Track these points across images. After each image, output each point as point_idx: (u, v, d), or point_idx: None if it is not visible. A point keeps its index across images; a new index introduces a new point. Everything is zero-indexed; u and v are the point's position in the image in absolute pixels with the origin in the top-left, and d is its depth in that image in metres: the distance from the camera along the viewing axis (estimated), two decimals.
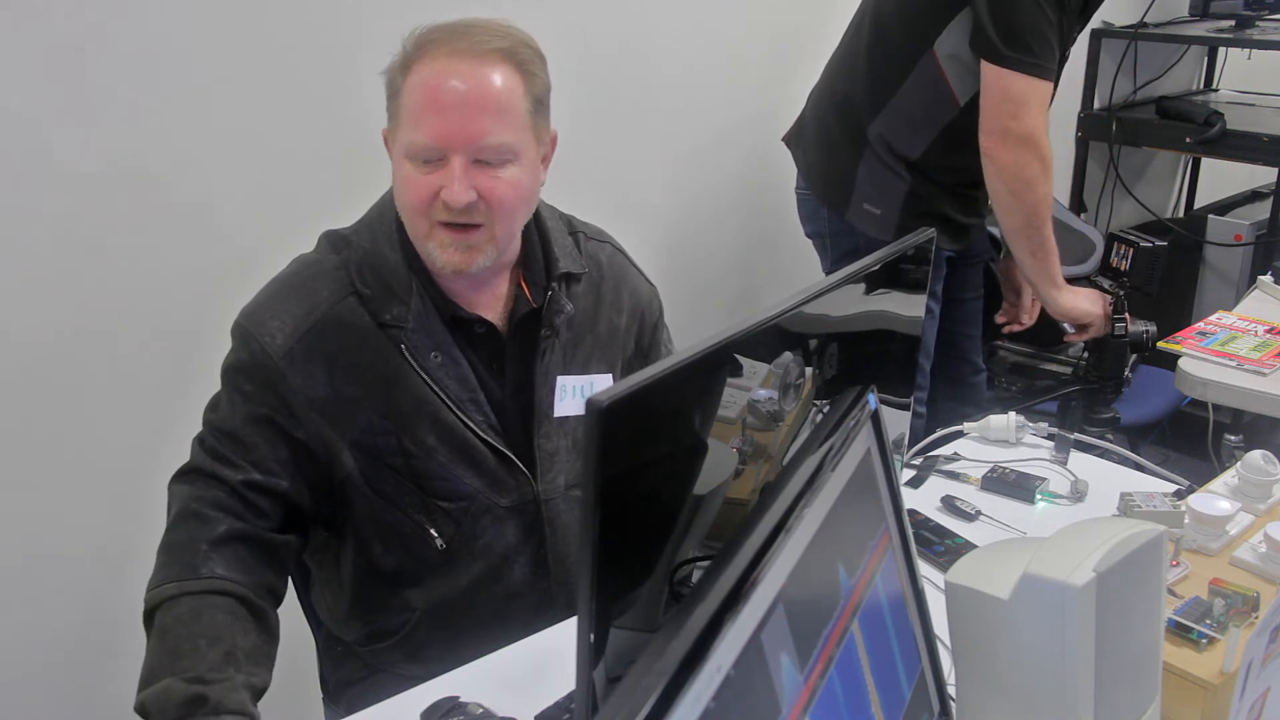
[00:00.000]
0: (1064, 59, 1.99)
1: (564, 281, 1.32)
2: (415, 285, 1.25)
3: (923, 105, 1.98)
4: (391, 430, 1.24)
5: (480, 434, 1.27)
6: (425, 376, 1.24)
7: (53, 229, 1.61)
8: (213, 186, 1.74)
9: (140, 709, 1.06)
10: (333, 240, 1.29)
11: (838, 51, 2.13)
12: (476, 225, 1.20)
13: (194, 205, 1.73)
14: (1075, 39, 2.05)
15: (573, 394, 1.32)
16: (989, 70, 1.86)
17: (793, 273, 2.38)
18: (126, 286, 1.69)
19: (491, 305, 1.30)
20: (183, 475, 1.22)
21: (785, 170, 2.28)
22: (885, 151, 2.02)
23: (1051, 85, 1.88)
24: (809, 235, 2.26)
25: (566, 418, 1.32)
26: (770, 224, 2.34)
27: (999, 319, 2.29)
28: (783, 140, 2.25)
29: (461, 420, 1.26)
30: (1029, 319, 2.26)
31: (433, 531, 1.27)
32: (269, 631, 1.18)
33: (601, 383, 1.35)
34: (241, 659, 1.10)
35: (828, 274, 2.27)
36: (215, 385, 1.26)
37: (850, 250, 2.14)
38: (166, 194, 1.70)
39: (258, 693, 1.11)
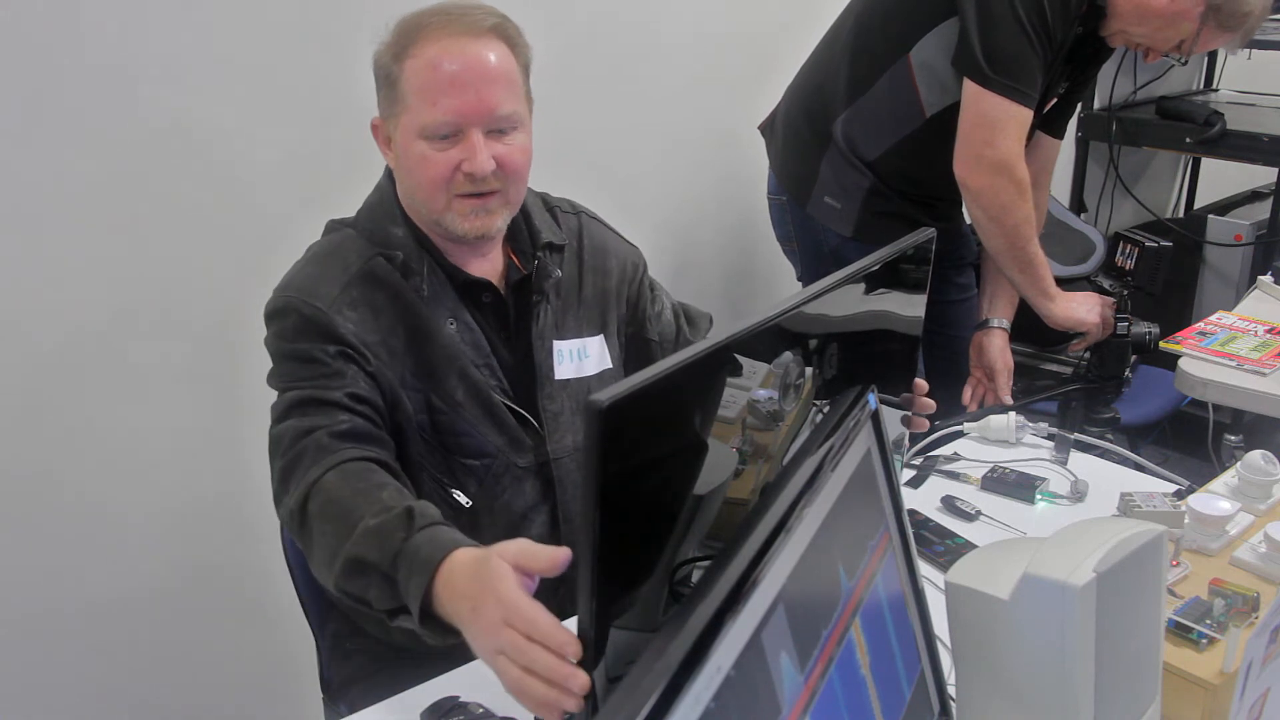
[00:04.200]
0: (1045, 101, 1.98)
1: (548, 250, 1.38)
2: (426, 258, 1.29)
3: (890, 109, 1.98)
4: (420, 386, 1.27)
5: (497, 396, 1.31)
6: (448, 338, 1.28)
7: (55, 230, 1.61)
8: (220, 183, 1.74)
9: (350, 565, 1.03)
10: (341, 224, 1.34)
11: (819, 45, 2.14)
12: (493, 191, 1.25)
13: (198, 204, 1.73)
14: (1059, 92, 2.04)
15: (570, 358, 1.38)
16: (970, 90, 1.85)
17: (789, 271, 2.38)
18: (139, 280, 1.69)
19: (491, 275, 1.34)
20: (284, 415, 1.20)
21: None
22: (848, 148, 2.03)
23: (1030, 113, 1.87)
24: (779, 240, 2.26)
25: (567, 380, 1.37)
26: (764, 219, 2.34)
27: (965, 400, 2.17)
28: (758, 128, 2.26)
29: (484, 379, 1.30)
30: (1009, 399, 2.10)
31: (456, 492, 1.30)
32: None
33: (594, 345, 1.41)
34: (413, 496, 1.10)
35: (800, 279, 2.28)
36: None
37: (815, 250, 2.14)
38: (172, 192, 1.70)
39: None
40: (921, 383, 1.24)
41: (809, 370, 0.89)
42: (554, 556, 0.88)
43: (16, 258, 1.59)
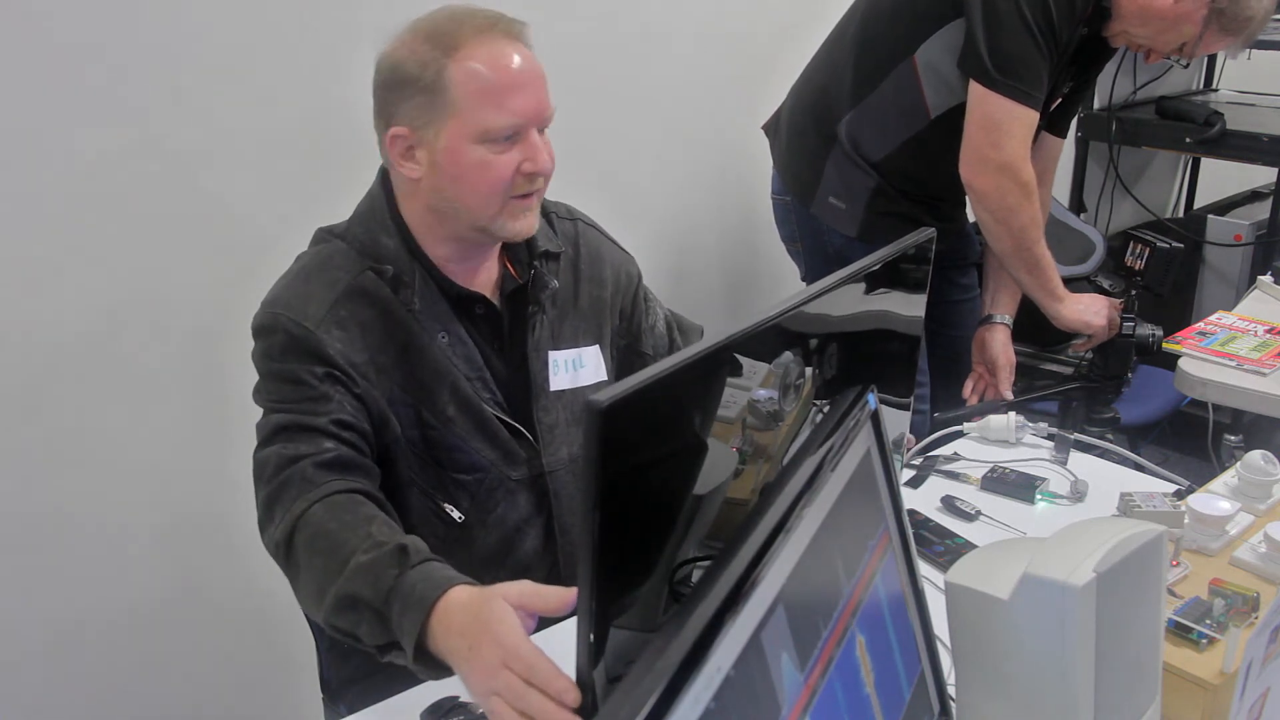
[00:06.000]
0: (1050, 102, 1.99)
1: (544, 260, 1.36)
2: (418, 270, 1.27)
3: (895, 110, 1.98)
4: (410, 402, 1.26)
5: (490, 409, 1.30)
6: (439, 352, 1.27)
7: (53, 232, 1.61)
8: (211, 187, 1.74)
9: (341, 602, 1.03)
10: (330, 233, 1.32)
11: (824, 45, 2.14)
12: (536, 190, 1.26)
13: (191, 207, 1.73)
14: (1063, 92, 2.04)
15: (565, 368, 1.36)
16: (975, 91, 1.86)
17: (792, 272, 2.38)
18: (126, 288, 1.69)
19: (486, 286, 1.33)
20: (269, 439, 1.19)
21: None
22: (853, 149, 2.03)
23: (1036, 115, 1.87)
24: (784, 240, 2.27)
25: (562, 391, 1.36)
26: (766, 220, 2.34)
27: (966, 394, 2.18)
28: (762, 129, 2.26)
29: (476, 393, 1.29)
30: (1009, 394, 2.12)
31: (448, 506, 1.29)
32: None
33: (590, 354, 1.39)
34: (401, 529, 1.09)
35: (805, 280, 2.29)
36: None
37: (819, 250, 2.14)
38: (164, 196, 1.70)
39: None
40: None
41: (809, 370, 0.89)
42: (563, 597, 0.88)
43: (4, 263, 1.58)
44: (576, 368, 1.37)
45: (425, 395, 1.26)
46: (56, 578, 1.72)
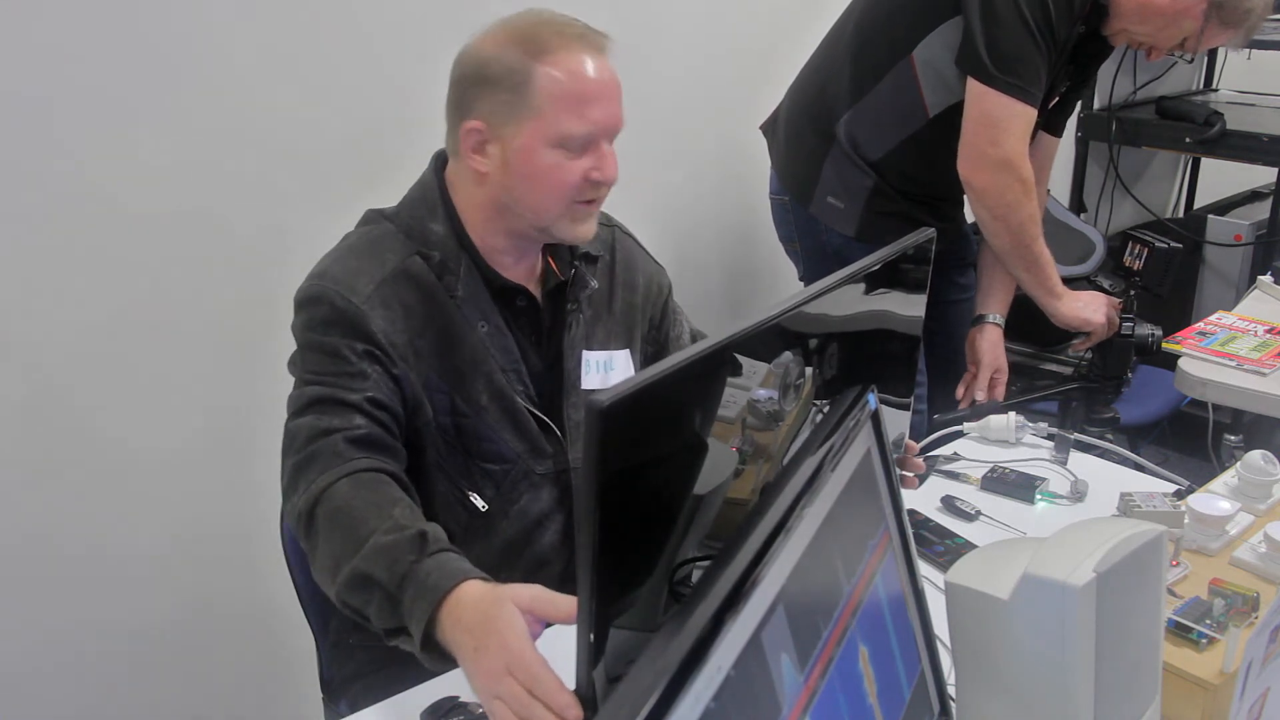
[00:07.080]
0: (1048, 100, 1.99)
1: (584, 261, 1.39)
2: (464, 258, 1.29)
3: (893, 109, 1.98)
4: (446, 389, 1.27)
5: (522, 401, 1.31)
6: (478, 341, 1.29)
7: (56, 233, 1.61)
8: (218, 189, 1.74)
9: (355, 579, 1.03)
10: (380, 215, 1.33)
11: (821, 45, 2.14)
12: (600, 197, 1.29)
13: (193, 210, 1.73)
14: (1061, 91, 2.04)
15: (596, 369, 1.38)
16: (974, 88, 1.86)
17: (792, 271, 2.38)
18: (129, 290, 1.69)
19: (528, 279, 1.35)
20: (302, 410, 1.20)
21: None
22: (851, 148, 2.03)
23: (1034, 112, 1.87)
24: (781, 240, 2.27)
25: (592, 391, 1.35)
26: (766, 220, 2.34)
27: (960, 396, 2.17)
28: (760, 129, 2.26)
29: (509, 385, 1.30)
30: (982, 396, 2.13)
31: (472, 495, 1.30)
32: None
33: (620, 358, 1.42)
34: (423, 515, 1.10)
35: (803, 279, 2.28)
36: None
37: (817, 250, 2.14)
38: (166, 197, 1.70)
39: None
40: (912, 444, 1.24)
41: (809, 370, 0.89)
42: (574, 606, 0.88)
43: (19, 253, 1.58)
44: (607, 369, 1.39)
45: (460, 383, 1.27)
46: (57, 582, 1.72)
